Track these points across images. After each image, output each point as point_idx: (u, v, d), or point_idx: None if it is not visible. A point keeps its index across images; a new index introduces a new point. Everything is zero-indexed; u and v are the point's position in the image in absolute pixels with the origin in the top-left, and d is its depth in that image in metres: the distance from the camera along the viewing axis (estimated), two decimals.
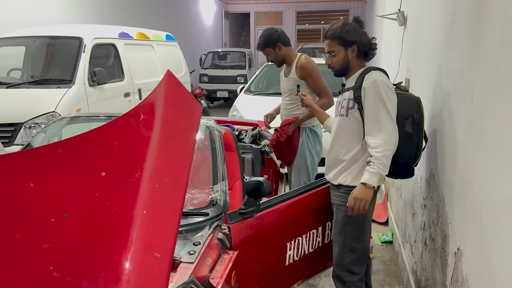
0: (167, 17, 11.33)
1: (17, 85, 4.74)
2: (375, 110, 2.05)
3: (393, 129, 2.04)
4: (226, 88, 11.05)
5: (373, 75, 2.09)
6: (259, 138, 3.37)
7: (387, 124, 2.03)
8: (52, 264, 1.08)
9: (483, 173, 1.50)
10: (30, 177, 1.16)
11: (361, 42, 2.17)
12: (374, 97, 2.05)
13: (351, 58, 2.18)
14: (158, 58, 6.51)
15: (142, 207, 1.14)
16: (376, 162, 1.99)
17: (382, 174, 2.01)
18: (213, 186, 2.11)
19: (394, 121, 2.04)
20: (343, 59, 2.18)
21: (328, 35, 2.20)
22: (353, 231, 2.20)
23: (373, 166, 2.00)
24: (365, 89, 2.08)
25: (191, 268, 1.59)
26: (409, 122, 2.10)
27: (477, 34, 1.64)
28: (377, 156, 1.99)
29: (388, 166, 2.02)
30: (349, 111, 2.16)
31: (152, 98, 1.28)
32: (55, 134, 2.75)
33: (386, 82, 2.08)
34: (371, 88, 2.06)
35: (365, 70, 2.16)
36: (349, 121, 2.17)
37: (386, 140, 2.01)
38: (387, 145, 2.00)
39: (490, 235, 1.41)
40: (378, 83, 2.05)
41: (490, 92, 1.47)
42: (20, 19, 6.06)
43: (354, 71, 2.20)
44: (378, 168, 1.99)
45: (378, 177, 2.01)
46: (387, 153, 2.00)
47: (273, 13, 17.21)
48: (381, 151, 1.99)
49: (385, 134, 2.02)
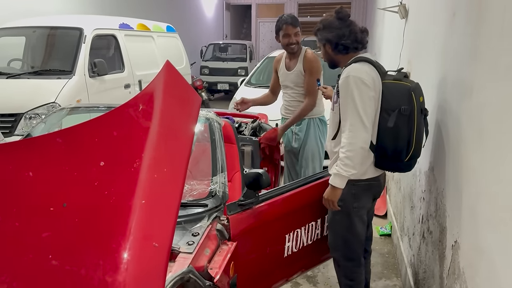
0: (168, 8, 11.28)
1: (17, 76, 4.74)
2: (344, 107, 2.04)
3: (361, 128, 1.99)
4: (226, 80, 11.03)
5: (348, 70, 2.06)
6: (259, 131, 3.37)
7: (354, 122, 2.00)
8: (51, 253, 1.09)
9: (481, 167, 1.50)
10: (29, 166, 1.16)
11: (330, 40, 2.17)
12: (345, 94, 2.04)
13: (331, 53, 2.22)
14: (158, 50, 6.50)
15: (140, 197, 1.15)
16: (339, 163, 2.03)
17: (343, 174, 2.02)
18: (212, 177, 2.12)
19: (363, 118, 1.99)
20: (325, 54, 2.26)
21: (313, 30, 2.28)
22: (341, 220, 2.24)
23: (336, 167, 2.05)
24: (339, 85, 2.08)
25: (189, 258, 1.60)
26: (394, 114, 2.00)
27: (477, 27, 1.63)
28: (341, 157, 2.03)
29: (352, 166, 2.01)
30: (334, 105, 2.19)
31: (151, 89, 1.28)
32: (55, 124, 2.76)
33: (360, 76, 2.01)
34: (344, 84, 2.04)
35: (349, 63, 2.13)
36: (334, 114, 2.18)
37: (351, 139, 2.00)
38: (350, 145, 2.00)
39: (487, 228, 1.41)
40: (350, 79, 2.02)
41: (490, 85, 1.47)
42: (20, 10, 6.04)
43: (343, 63, 2.20)
44: (340, 169, 2.02)
45: (340, 178, 2.04)
46: (349, 154, 2.00)
47: (274, 5, 17.10)
48: (344, 151, 2.01)
49: (351, 133, 2.00)
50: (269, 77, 6.15)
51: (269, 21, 17.04)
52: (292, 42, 3.09)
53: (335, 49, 2.18)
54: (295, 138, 3.24)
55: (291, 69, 3.16)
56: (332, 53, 2.21)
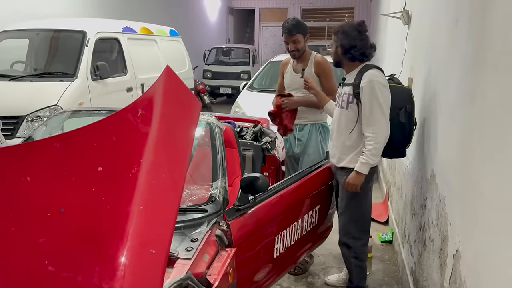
0: (171, 12, 11.31)
1: (20, 78, 4.75)
2: (370, 107, 2.39)
3: (385, 124, 2.40)
4: (229, 84, 11.04)
5: (370, 75, 2.41)
6: (260, 135, 3.36)
7: (380, 119, 2.38)
8: (48, 259, 1.08)
9: (484, 175, 1.49)
10: (26, 170, 1.15)
11: (344, 46, 2.50)
12: (370, 96, 2.38)
13: (340, 55, 2.55)
14: (161, 53, 6.50)
15: (138, 203, 1.14)
16: (367, 153, 2.41)
17: (370, 163, 2.42)
18: (212, 182, 2.10)
19: (386, 116, 2.40)
20: (335, 54, 2.58)
21: (332, 31, 2.59)
22: (358, 204, 2.59)
23: (364, 156, 2.42)
24: (362, 88, 2.41)
25: (188, 264, 1.58)
26: (402, 112, 2.46)
27: (480, 33, 1.62)
28: (369, 148, 2.41)
29: (378, 155, 2.43)
30: (349, 105, 2.51)
31: (151, 94, 1.27)
32: (56, 127, 2.75)
33: (381, 81, 2.40)
34: (368, 87, 2.39)
35: (363, 68, 2.47)
36: (348, 113, 2.52)
37: (378, 133, 2.39)
38: (377, 138, 2.39)
39: (489, 237, 1.40)
40: (374, 83, 2.38)
41: (493, 92, 1.46)
42: (23, 12, 6.06)
43: (350, 67, 2.55)
44: (368, 159, 2.41)
45: (367, 166, 2.44)
46: (377, 145, 2.39)
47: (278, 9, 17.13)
48: (372, 143, 2.39)
49: (377, 128, 2.39)
50: (272, 82, 6.18)
51: (272, 26, 17.08)
52: (291, 50, 3.10)
53: (344, 54, 2.52)
54: (297, 144, 3.23)
55: (299, 72, 3.13)
56: (341, 56, 2.54)
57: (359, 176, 2.45)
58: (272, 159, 3.35)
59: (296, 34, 3.06)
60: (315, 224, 2.76)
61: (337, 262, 3.30)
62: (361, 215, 2.62)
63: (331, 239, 3.11)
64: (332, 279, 3.02)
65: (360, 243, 2.65)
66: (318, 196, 2.74)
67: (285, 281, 3.03)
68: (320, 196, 2.77)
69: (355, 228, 2.62)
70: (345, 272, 2.95)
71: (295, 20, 3.14)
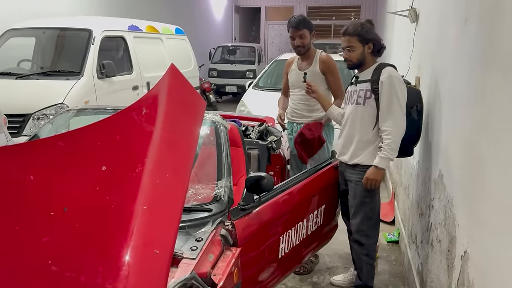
0: (177, 11, 11.31)
1: (26, 76, 4.76)
2: (389, 101, 2.41)
3: (402, 119, 2.42)
4: (235, 83, 11.02)
5: (388, 71, 2.44)
6: (265, 134, 3.34)
7: (398, 114, 2.41)
8: (51, 258, 1.07)
9: (493, 176, 1.46)
10: (30, 169, 1.15)
11: (377, 40, 2.52)
12: (389, 90, 2.41)
13: (366, 54, 2.52)
14: (167, 52, 6.50)
15: (142, 202, 1.13)
16: (386, 148, 2.41)
17: (391, 158, 2.43)
18: (217, 181, 2.09)
19: (403, 111, 2.42)
20: (361, 54, 2.51)
21: (349, 31, 2.51)
22: (371, 202, 2.59)
23: (383, 151, 2.42)
24: (382, 83, 2.43)
25: (193, 264, 1.57)
26: (414, 110, 2.52)
27: (490, 33, 1.59)
28: (388, 142, 2.41)
29: (396, 150, 2.43)
30: (366, 100, 2.50)
31: (155, 92, 1.26)
32: (62, 125, 2.75)
33: (399, 77, 2.45)
34: (387, 83, 2.41)
35: (380, 65, 2.50)
36: (366, 108, 2.51)
37: (396, 128, 2.40)
38: (396, 132, 2.40)
39: (499, 239, 1.37)
40: (393, 79, 2.42)
41: (502, 91, 1.43)
42: (28, 11, 6.07)
43: (368, 65, 2.54)
44: (387, 154, 2.41)
45: (387, 161, 2.45)
46: (396, 139, 2.41)
47: (284, 7, 17.08)
48: (391, 137, 2.40)
49: (396, 122, 2.40)
50: (277, 81, 6.15)
51: (278, 24, 17.02)
52: (297, 45, 3.08)
53: (374, 49, 2.52)
54: None
55: (304, 69, 3.12)
56: (369, 52, 2.52)
57: (379, 171, 2.46)
58: (278, 158, 3.33)
59: (302, 29, 3.05)
60: (321, 223, 2.75)
61: (343, 262, 3.28)
62: (374, 213, 2.63)
63: (336, 238, 3.09)
64: (337, 279, 3.00)
65: (372, 241, 2.67)
66: (324, 195, 2.72)
67: (290, 281, 3.01)
68: (326, 196, 2.75)
69: (367, 226, 2.63)
70: (351, 273, 2.93)
71: (302, 16, 3.16)
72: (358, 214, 2.63)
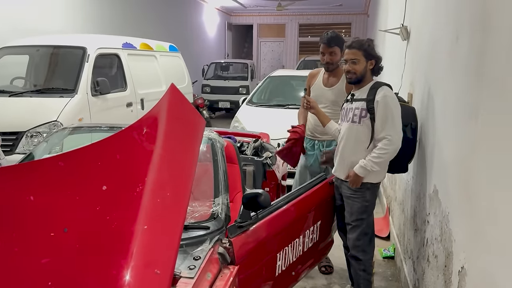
0: (171, 28, 11.40)
1: (20, 94, 4.75)
2: (384, 120, 2.46)
3: (397, 137, 2.46)
4: (228, 98, 11.07)
5: (384, 91, 2.49)
6: (261, 150, 3.35)
7: (392, 133, 2.45)
8: (51, 280, 1.06)
9: (489, 191, 1.48)
10: (30, 190, 1.14)
11: (379, 59, 2.58)
12: (384, 110, 2.45)
13: (368, 69, 2.57)
14: (161, 69, 6.53)
15: (143, 222, 1.13)
16: (370, 159, 2.48)
17: (367, 169, 2.48)
18: (214, 199, 2.09)
19: (398, 130, 2.47)
20: (364, 69, 2.55)
21: (354, 45, 2.55)
22: (368, 218, 2.63)
23: (366, 161, 2.49)
24: (378, 102, 2.47)
25: (191, 283, 1.56)
26: (408, 128, 2.57)
27: (482, 50, 1.63)
28: (374, 155, 2.47)
29: (381, 166, 2.50)
30: (362, 119, 2.54)
31: (156, 112, 1.27)
32: (56, 144, 2.75)
33: (394, 97, 2.52)
34: (383, 102, 2.46)
35: (375, 84, 2.54)
36: (361, 127, 2.54)
37: (388, 146, 2.45)
38: (387, 149, 2.45)
39: (496, 255, 1.38)
40: (388, 99, 2.47)
41: (496, 108, 1.46)
42: (22, 28, 6.09)
43: (366, 82, 2.58)
44: (367, 164, 2.48)
45: (365, 171, 2.49)
46: (385, 156, 2.47)
47: (276, 25, 17.31)
48: (379, 153, 2.46)
49: (389, 141, 2.45)
50: (271, 97, 6.20)
51: (270, 41, 17.22)
52: (326, 61, 3.05)
53: (375, 67, 2.58)
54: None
55: (330, 86, 3.08)
56: (369, 69, 2.57)
57: (359, 178, 2.53)
58: (273, 174, 3.34)
59: (334, 46, 3.02)
60: (316, 240, 2.74)
61: (339, 278, 3.26)
62: (370, 229, 2.67)
63: (332, 255, 3.09)
64: None
65: (369, 256, 2.69)
66: (319, 211, 2.72)
67: None
68: (321, 212, 2.75)
69: (364, 241, 2.65)
70: None
71: (335, 33, 3.10)
72: (355, 231, 2.64)
